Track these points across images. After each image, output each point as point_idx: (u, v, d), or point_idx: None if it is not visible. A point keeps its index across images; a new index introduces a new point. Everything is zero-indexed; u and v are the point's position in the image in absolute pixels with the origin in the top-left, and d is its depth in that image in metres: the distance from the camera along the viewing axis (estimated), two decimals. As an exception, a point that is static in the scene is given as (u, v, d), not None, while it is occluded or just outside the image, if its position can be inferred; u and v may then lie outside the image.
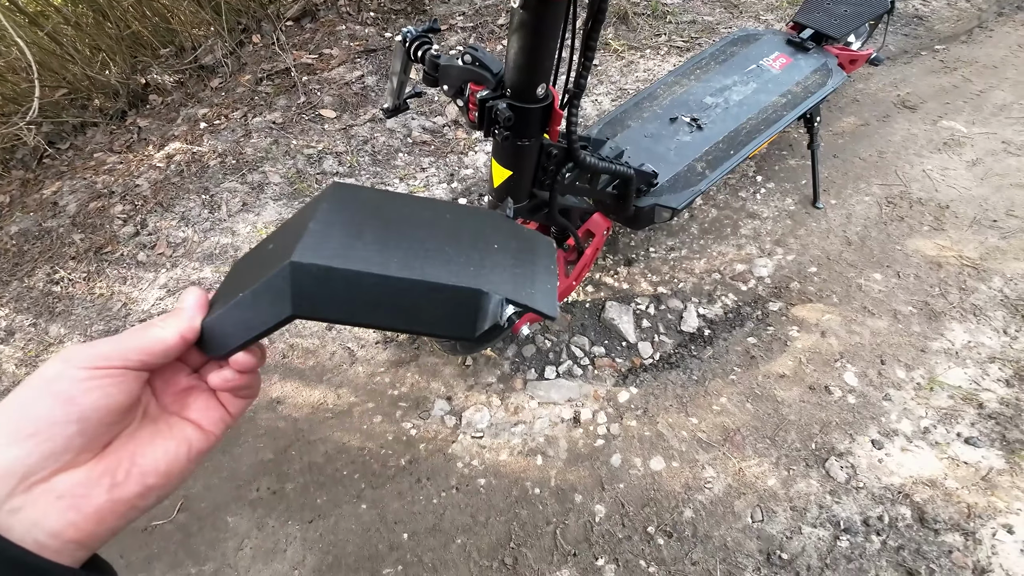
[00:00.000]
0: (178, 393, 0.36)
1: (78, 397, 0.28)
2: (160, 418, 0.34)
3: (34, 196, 2.05)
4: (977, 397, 1.39)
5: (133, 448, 0.32)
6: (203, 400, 0.36)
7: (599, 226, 1.36)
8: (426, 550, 1.23)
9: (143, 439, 0.32)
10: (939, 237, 1.77)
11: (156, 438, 0.33)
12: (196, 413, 0.35)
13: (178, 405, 0.35)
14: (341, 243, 0.32)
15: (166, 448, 0.33)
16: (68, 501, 0.28)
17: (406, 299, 0.32)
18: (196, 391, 0.36)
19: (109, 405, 0.30)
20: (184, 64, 2.39)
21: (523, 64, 0.81)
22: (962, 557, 1.15)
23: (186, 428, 0.35)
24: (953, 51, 2.56)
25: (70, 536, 0.28)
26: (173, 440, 0.33)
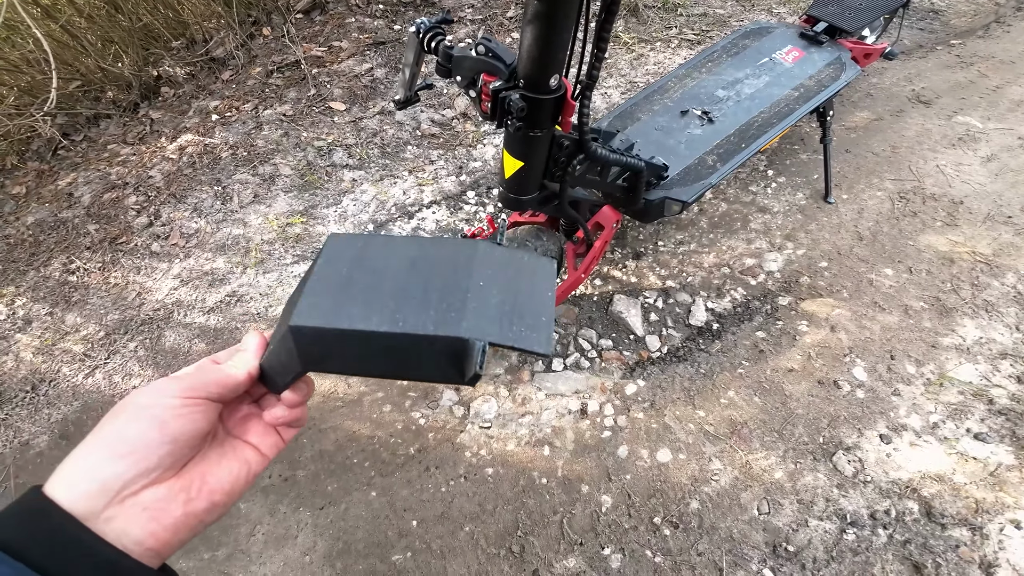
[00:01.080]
0: (240, 419, 0.41)
1: (171, 422, 0.33)
2: (225, 441, 0.39)
3: (49, 187, 2.08)
4: (987, 393, 1.38)
5: (204, 468, 0.36)
6: (261, 427, 0.41)
7: (608, 219, 1.36)
8: (434, 537, 1.25)
9: (212, 460, 0.37)
10: (952, 233, 1.75)
11: (222, 459, 0.37)
12: (255, 438, 0.40)
13: (240, 429, 0.40)
14: (334, 300, 0.34)
15: (230, 468, 0.37)
16: (151, 513, 0.32)
17: (395, 351, 0.33)
18: (254, 418, 0.41)
19: (195, 430, 0.34)
20: (195, 56, 2.41)
21: (537, 55, 0.81)
22: (969, 552, 1.15)
23: (246, 451, 0.39)
24: (969, 46, 2.53)
25: (150, 544, 0.32)
26: (236, 462, 0.38)
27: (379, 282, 0.35)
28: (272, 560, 1.24)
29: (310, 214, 1.92)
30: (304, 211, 1.93)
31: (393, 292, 0.34)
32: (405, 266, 0.35)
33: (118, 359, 1.61)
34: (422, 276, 0.35)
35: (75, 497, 0.30)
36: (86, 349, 1.64)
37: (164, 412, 0.33)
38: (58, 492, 0.30)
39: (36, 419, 1.51)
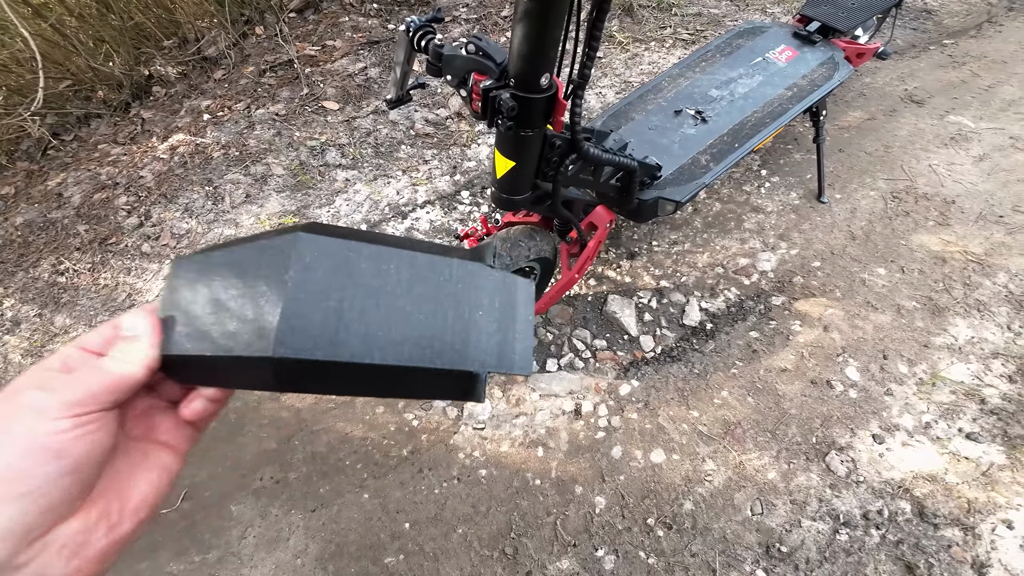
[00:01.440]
0: (140, 416, 0.34)
1: (68, 449, 0.27)
2: (131, 447, 0.33)
3: (39, 187, 2.06)
4: (979, 393, 1.39)
5: (119, 486, 0.31)
6: (168, 420, 0.35)
7: (602, 219, 1.36)
8: (427, 539, 1.24)
9: (124, 474, 0.32)
10: (944, 232, 1.76)
11: (136, 470, 0.32)
12: (165, 435, 0.35)
13: (143, 428, 0.34)
14: (323, 323, 0.29)
15: (148, 479, 0.33)
16: (71, 549, 0.28)
17: (394, 378, 0.32)
18: (157, 411, 0.35)
19: (98, 450, 0.29)
20: (187, 56, 2.39)
21: (527, 54, 0.80)
22: (961, 552, 1.15)
23: (160, 453, 0.34)
24: (962, 46, 2.54)
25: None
26: (153, 470, 0.33)
27: (374, 305, 0.31)
28: (263, 563, 1.23)
29: (303, 214, 1.91)
30: (297, 211, 1.92)
31: (392, 319, 0.31)
32: (401, 289, 0.32)
33: (108, 361, 1.59)
34: (421, 302, 0.32)
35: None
36: (75, 351, 1.62)
37: (55, 439, 0.27)
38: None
39: (24, 422, 1.49)
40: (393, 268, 0.32)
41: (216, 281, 0.31)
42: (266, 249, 0.31)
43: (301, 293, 0.29)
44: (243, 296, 0.30)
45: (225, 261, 0.32)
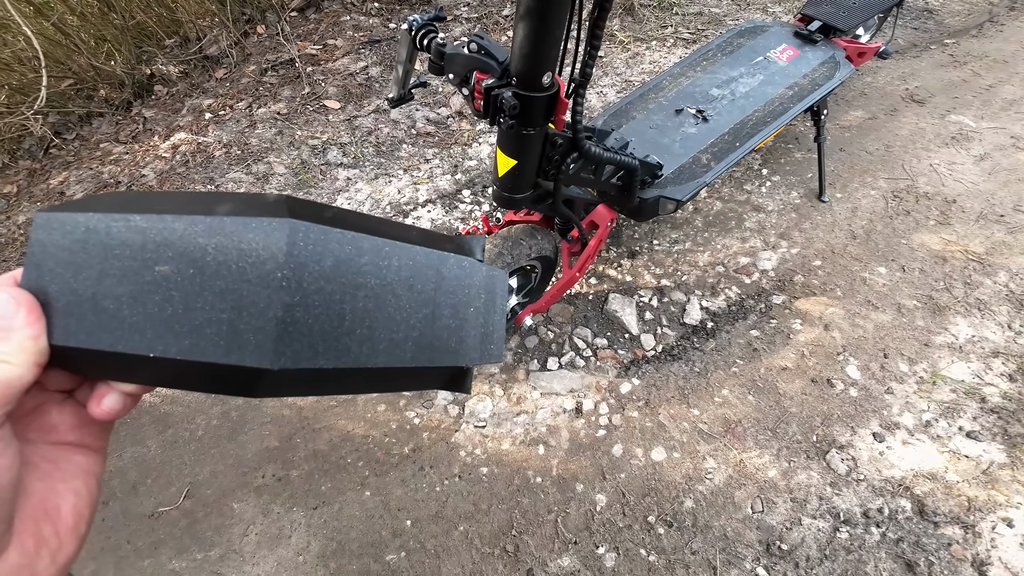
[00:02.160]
0: (28, 418, 0.27)
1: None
2: (36, 458, 0.27)
3: (41, 186, 2.06)
4: (980, 391, 1.39)
5: (43, 507, 0.26)
6: (68, 415, 0.28)
7: (603, 217, 1.36)
8: (429, 537, 1.24)
9: (44, 490, 0.26)
10: (945, 231, 1.76)
11: (54, 484, 0.27)
12: (71, 433, 0.28)
13: (40, 430, 0.27)
14: (324, 328, 0.25)
15: (72, 489, 0.27)
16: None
17: (394, 377, 0.30)
18: (50, 407, 0.28)
19: (6, 478, 0.23)
20: (189, 55, 2.40)
21: (529, 52, 0.81)
22: (961, 550, 1.15)
23: (73, 456, 0.28)
24: (963, 45, 2.54)
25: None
26: (73, 479, 0.28)
27: (375, 306, 0.28)
28: (265, 560, 1.23)
29: (304, 213, 1.91)
30: (298, 210, 1.92)
31: (393, 319, 0.28)
32: (401, 288, 0.29)
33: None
34: (420, 301, 0.30)
35: None
36: (78, 349, 1.63)
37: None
38: None
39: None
40: (394, 264, 0.29)
41: (133, 252, 0.24)
42: (229, 227, 0.24)
43: (298, 295, 0.24)
44: (193, 283, 0.24)
45: (146, 228, 0.24)
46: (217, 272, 0.24)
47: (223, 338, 0.23)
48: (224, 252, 0.24)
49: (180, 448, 1.39)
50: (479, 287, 0.34)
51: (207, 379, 0.25)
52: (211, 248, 0.24)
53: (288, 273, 0.24)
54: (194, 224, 0.24)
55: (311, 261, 0.25)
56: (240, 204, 0.25)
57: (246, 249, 0.24)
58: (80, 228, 0.24)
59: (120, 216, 0.24)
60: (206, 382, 0.25)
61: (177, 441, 1.40)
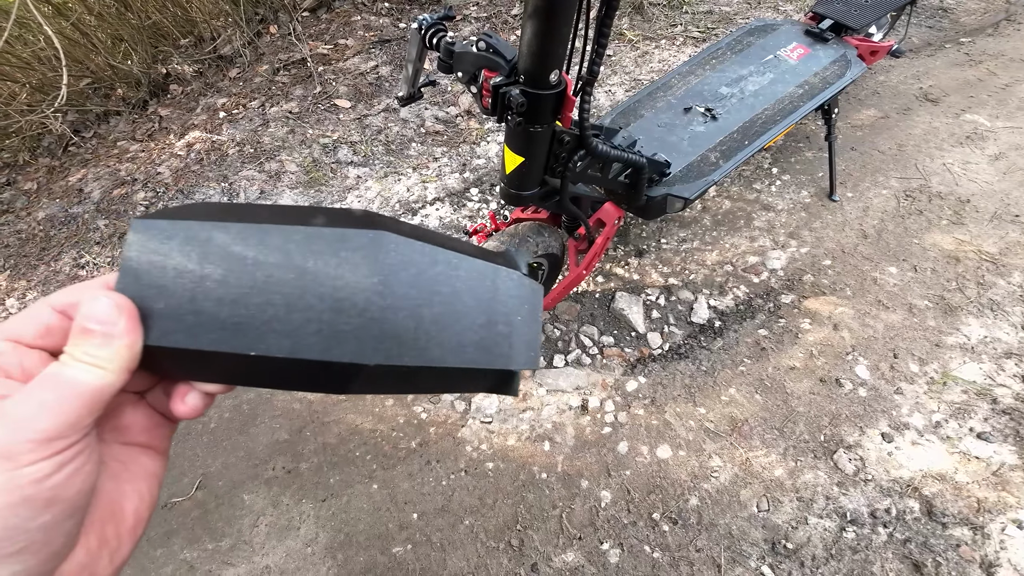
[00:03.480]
0: (105, 417, 0.28)
1: (58, 496, 0.23)
2: (107, 455, 0.28)
3: (60, 183, 2.11)
4: (991, 392, 1.38)
5: (110, 508, 0.27)
6: (141, 416, 0.30)
7: (610, 215, 1.37)
8: (435, 530, 1.26)
9: (111, 490, 0.27)
10: (958, 231, 1.74)
11: (122, 485, 0.28)
12: (142, 435, 0.29)
13: (114, 431, 0.29)
14: (408, 328, 0.28)
15: (136, 491, 0.28)
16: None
17: (455, 378, 0.32)
18: (125, 408, 0.29)
19: (90, 482, 0.24)
20: (203, 54, 2.44)
21: (537, 50, 0.82)
22: (970, 551, 1.14)
23: (140, 459, 0.29)
24: (979, 44, 2.50)
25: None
26: (138, 480, 0.29)
27: (450, 311, 0.30)
28: (275, 551, 1.26)
29: (315, 210, 1.94)
30: (309, 207, 1.95)
31: (461, 324, 0.31)
32: (468, 295, 0.32)
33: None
34: (480, 308, 0.32)
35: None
36: (94, 342, 1.66)
37: (40, 488, 0.22)
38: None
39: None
40: (461, 274, 0.31)
41: (234, 256, 0.26)
42: (328, 236, 0.26)
43: (389, 299, 0.26)
44: (295, 287, 0.25)
45: (246, 234, 0.26)
46: (316, 277, 0.25)
47: (323, 337, 0.25)
48: (323, 258, 0.26)
49: (193, 440, 1.42)
50: (524, 298, 0.35)
51: (302, 377, 0.26)
52: (311, 254, 0.25)
53: (382, 279, 0.26)
54: (294, 232, 0.26)
55: (399, 269, 0.27)
56: (332, 217, 0.27)
57: (344, 256, 0.26)
58: (179, 234, 0.26)
59: (219, 223, 0.26)
60: (300, 380, 0.27)
61: (190, 433, 1.43)
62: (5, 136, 2.16)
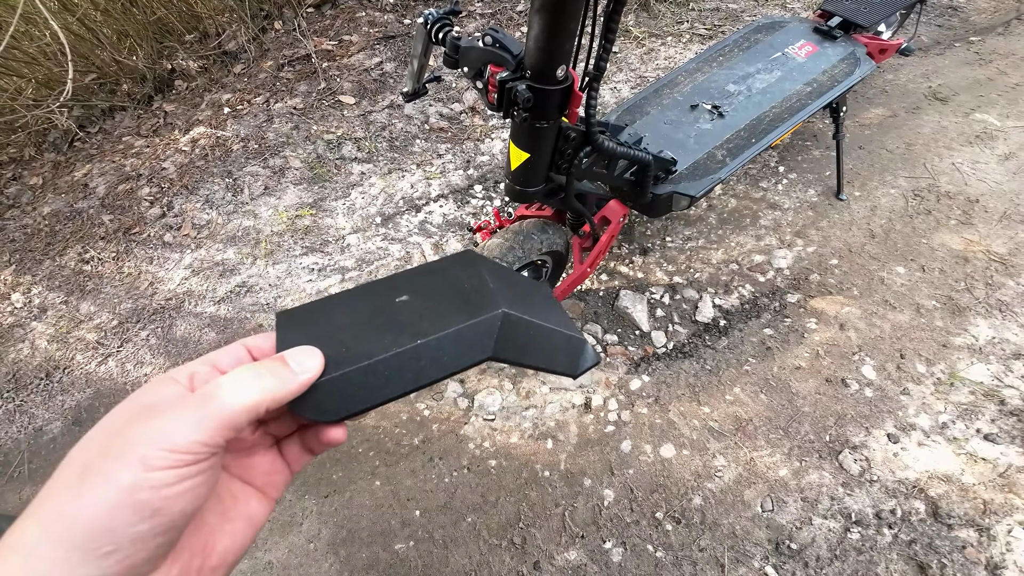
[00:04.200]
0: (241, 452, 0.31)
1: (166, 507, 0.23)
2: (222, 488, 0.30)
3: (66, 178, 2.12)
4: (999, 393, 1.36)
5: (204, 540, 0.28)
6: (268, 461, 0.32)
7: (615, 213, 1.36)
8: (437, 527, 1.26)
9: (212, 525, 0.28)
10: (967, 231, 1.72)
11: (224, 522, 0.29)
12: (261, 478, 0.31)
13: (241, 467, 0.31)
14: (512, 337, 0.35)
15: (232, 532, 0.29)
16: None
17: (550, 343, 0.38)
18: (260, 449, 0.32)
19: (198, 505, 0.25)
20: (208, 50, 2.44)
21: (543, 45, 0.81)
22: (975, 553, 1.13)
23: (250, 501, 0.31)
24: (989, 43, 2.47)
25: None
26: (239, 521, 0.30)
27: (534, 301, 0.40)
28: (277, 547, 1.26)
29: (319, 207, 1.94)
30: (313, 203, 1.94)
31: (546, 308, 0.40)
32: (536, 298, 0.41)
33: (130, 347, 1.64)
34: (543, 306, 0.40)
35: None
36: (99, 337, 1.67)
37: (156, 494, 0.23)
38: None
39: (50, 406, 1.54)
40: (540, 302, 0.41)
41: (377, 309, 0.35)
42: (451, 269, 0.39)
43: (504, 304, 0.34)
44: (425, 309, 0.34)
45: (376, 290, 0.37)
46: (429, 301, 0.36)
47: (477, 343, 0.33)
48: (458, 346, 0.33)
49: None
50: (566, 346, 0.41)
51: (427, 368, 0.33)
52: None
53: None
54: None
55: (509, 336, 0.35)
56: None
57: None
58: (320, 307, 0.36)
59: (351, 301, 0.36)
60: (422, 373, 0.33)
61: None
62: (11, 131, 2.17)
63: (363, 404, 0.30)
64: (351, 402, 0.30)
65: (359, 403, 0.30)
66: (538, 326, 0.36)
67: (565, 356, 0.39)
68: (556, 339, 0.38)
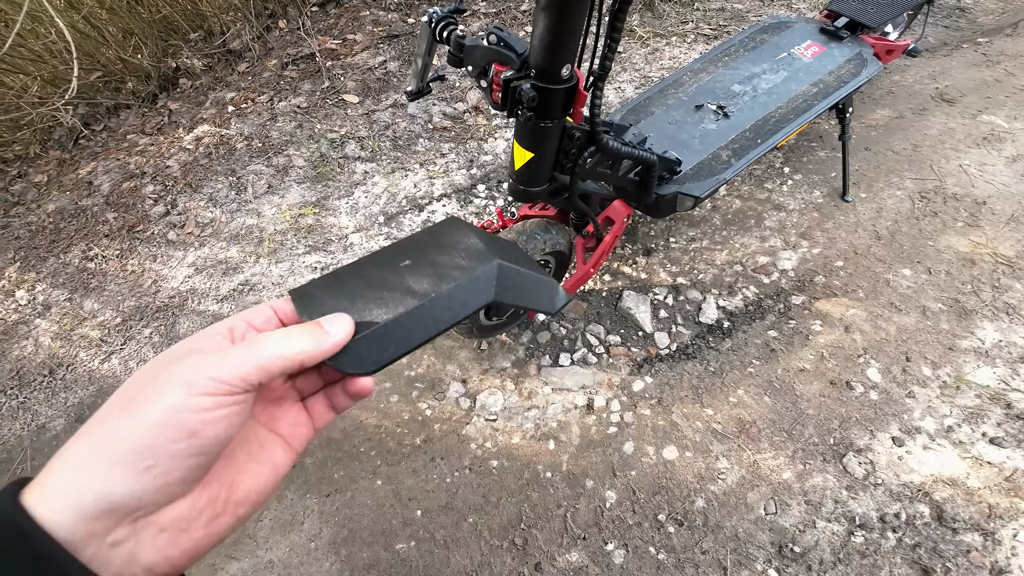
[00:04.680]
0: (269, 401, 0.34)
1: (202, 431, 0.26)
2: (251, 433, 0.33)
3: (70, 176, 2.12)
4: (1005, 397, 1.35)
5: (232, 475, 0.30)
6: (293, 412, 0.35)
7: (619, 213, 1.35)
8: (438, 527, 1.25)
9: (240, 463, 0.31)
10: (974, 234, 1.71)
11: (250, 462, 0.31)
12: (287, 428, 0.34)
13: (268, 416, 0.34)
14: (510, 282, 0.41)
15: (258, 474, 0.31)
16: (169, 535, 0.27)
17: (534, 286, 0.44)
18: (287, 402, 0.35)
19: (230, 435, 0.28)
20: (213, 48, 2.44)
21: (549, 44, 0.80)
22: (980, 557, 1.12)
23: (275, 447, 0.33)
24: (996, 44, 2.45)
25: (162, 571, 0.27)
26: (265, 464, 0.32)
27: (522, 257, 0.46)
28: (278, 545, 1.26)
29: (322, 205, 1.94)
30: (316, 202, 1.94)
31: (526, 264, 0.45)
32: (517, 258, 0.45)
33: (133, 345, 1.64)
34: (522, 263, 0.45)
35: (72, 516, 0.24)
36: (103, 335, 1.67)
37: (195, 417, 0.26)
38: (47, 508, 0.24)
39: (53, 403, 1.55)
40: (518, 254, 0.46)
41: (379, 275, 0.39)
42: (442, 234, 0.44)
43: (497, 257, 0.40)
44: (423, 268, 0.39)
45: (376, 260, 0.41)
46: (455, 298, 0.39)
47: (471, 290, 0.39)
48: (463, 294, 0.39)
49: (198, 433, 1.42)
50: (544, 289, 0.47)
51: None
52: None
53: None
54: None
55: (504, 282, 0.40)
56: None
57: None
58: (333, 277, 0.40)
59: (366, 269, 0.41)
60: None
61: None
62: (17, 128, 2.17)
63: (392, 356, 0.34)
64: (381, 355, 0.34)
65: (388, 355, 0.34)
66: (524, 273, 0.42)
67: (545, 297, 0.44)
68: (537, 283, 0.44)
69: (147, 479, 0.25)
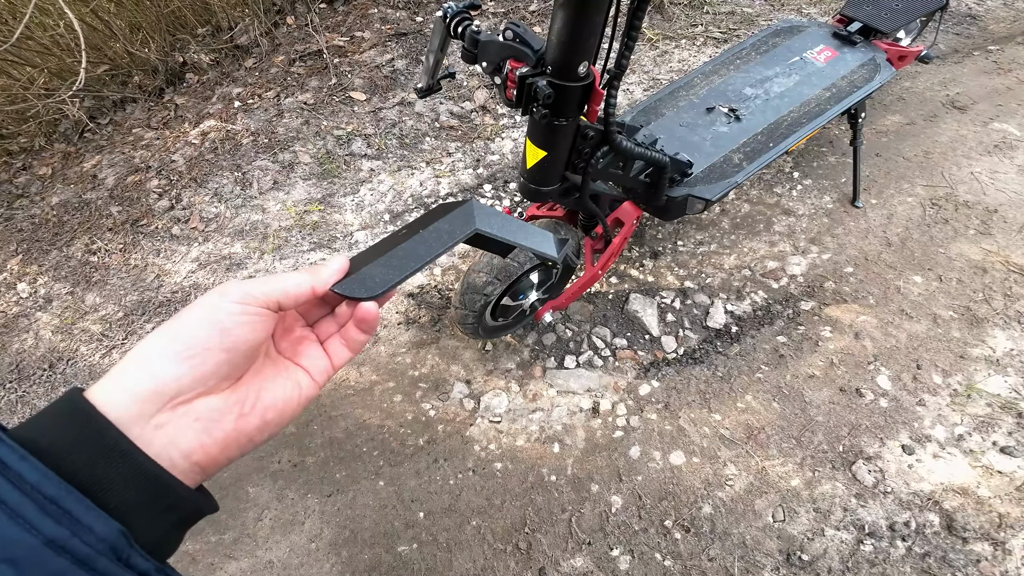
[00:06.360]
0: (292, 340, 0.40)
1: (232, 329, 0.32)
2: (277, 360, 0.38)
3: (75, 169, 2.11)
4: (1016, 406, 1.33)
5: (259, 383, 0.35)
6: (313, 350, 0.40)
7: (629, 215, 1.34)
8: (441, 530, 1.24)
9: (267, 376, 0.36)
10: (985, 241, 1.69)
11: (276, 377, 0.36)
12: (307, 361, 0.39)
13: (291, 351, 0.39)
14: (497, 225, 0.45)
15: (284, 387, 0.36)
16: (203, 424, 0.31)
17: (529, 233, 0.47)
18: (307, 341, 0.40)
19: (254, 339, 0.33)
20: (220, 43, 2.43)
21: (566, 40, 0.79)
22: (990, 567, 1.11)
23: (298, 373, 0.38)
24: (1008, 52, 2.44)
25: (197, 458, 0.31)
26: (290, 381, 0.37)
27: (515, 228, 0.48)
28: (278, 545, 1.24)
29: (328, 202, 1.92)
30: (322, 199, 1.93)
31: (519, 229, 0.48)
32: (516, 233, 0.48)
33: (135, 340, 1.63)
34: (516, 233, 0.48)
35: (124, 399, 0.28)
36: (104, 329, 1.66)
37: (227, 317, 0.32)
38: (104, 395, 0.28)
39: (52, 397, 1.53)
40: (514, 220, 0.49)
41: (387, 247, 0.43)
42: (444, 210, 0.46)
43: (475, 205, 0.45)
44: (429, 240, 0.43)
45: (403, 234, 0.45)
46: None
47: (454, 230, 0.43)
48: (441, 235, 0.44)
49: (200, 429, 1.41)
50: (543, 238, 0.50)
51: None
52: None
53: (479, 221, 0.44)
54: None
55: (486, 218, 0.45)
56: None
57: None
58: None
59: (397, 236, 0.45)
60: None
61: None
62: (22, 120, 2.16)
63: (389, 281, 0.39)
64: (380, 281, 0.39)
65: (385, 283, 0.39)
66: (511, 218, 0.45)
67: (544, 243, 0.47)
68: (533, 232, 0.47)
69: (186, 367, 0.30)
